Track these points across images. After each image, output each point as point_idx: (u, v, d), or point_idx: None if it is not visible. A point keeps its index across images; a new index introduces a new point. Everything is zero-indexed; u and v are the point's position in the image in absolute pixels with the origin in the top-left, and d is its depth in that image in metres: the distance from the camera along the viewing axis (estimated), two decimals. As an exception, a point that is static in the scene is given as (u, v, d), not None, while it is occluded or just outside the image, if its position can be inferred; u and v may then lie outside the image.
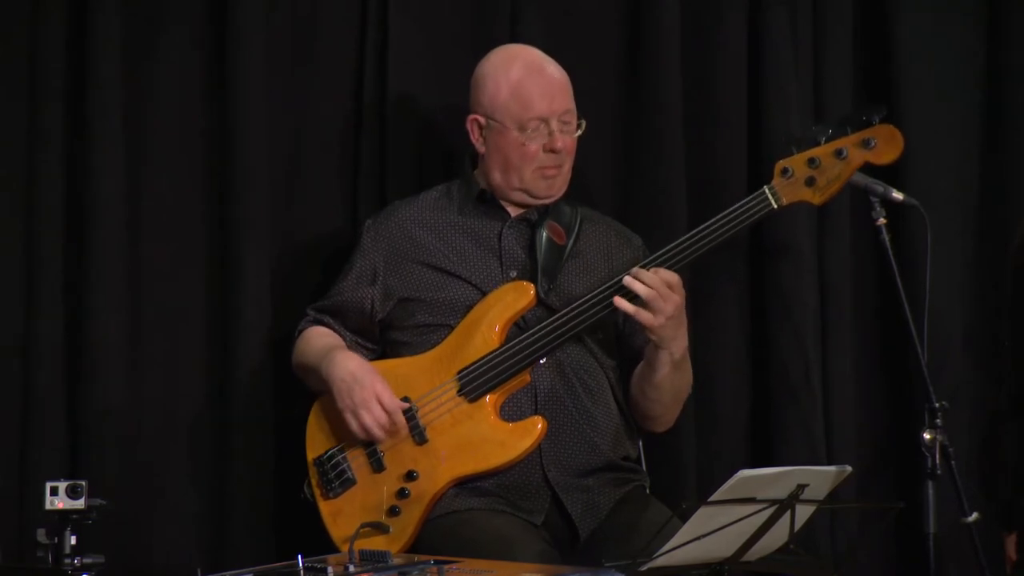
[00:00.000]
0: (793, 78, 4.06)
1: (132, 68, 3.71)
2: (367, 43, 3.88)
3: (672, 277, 3.38)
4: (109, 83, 3.67)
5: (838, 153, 3.49)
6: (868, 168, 3.56)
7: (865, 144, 3.50)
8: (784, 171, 3.50)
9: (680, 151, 4.00)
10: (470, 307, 3.47)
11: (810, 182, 3.50)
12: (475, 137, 3.55)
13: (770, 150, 3.94)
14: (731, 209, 3.48)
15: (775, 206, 3.49)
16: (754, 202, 3.49)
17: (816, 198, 3.51)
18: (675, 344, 3.41)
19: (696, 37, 4.05)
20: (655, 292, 3.35)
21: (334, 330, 3.57)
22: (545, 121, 3.49)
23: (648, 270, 3.38)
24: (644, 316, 3.36)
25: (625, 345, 3.56)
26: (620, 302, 3.38)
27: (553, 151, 3.50)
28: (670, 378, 3.46)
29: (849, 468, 2.89)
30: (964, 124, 4.17)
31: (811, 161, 3.50)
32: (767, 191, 3.49)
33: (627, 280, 3.38)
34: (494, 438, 3.39)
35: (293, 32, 3.86)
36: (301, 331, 3.60)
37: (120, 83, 3.69)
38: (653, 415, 3.55)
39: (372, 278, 3.55)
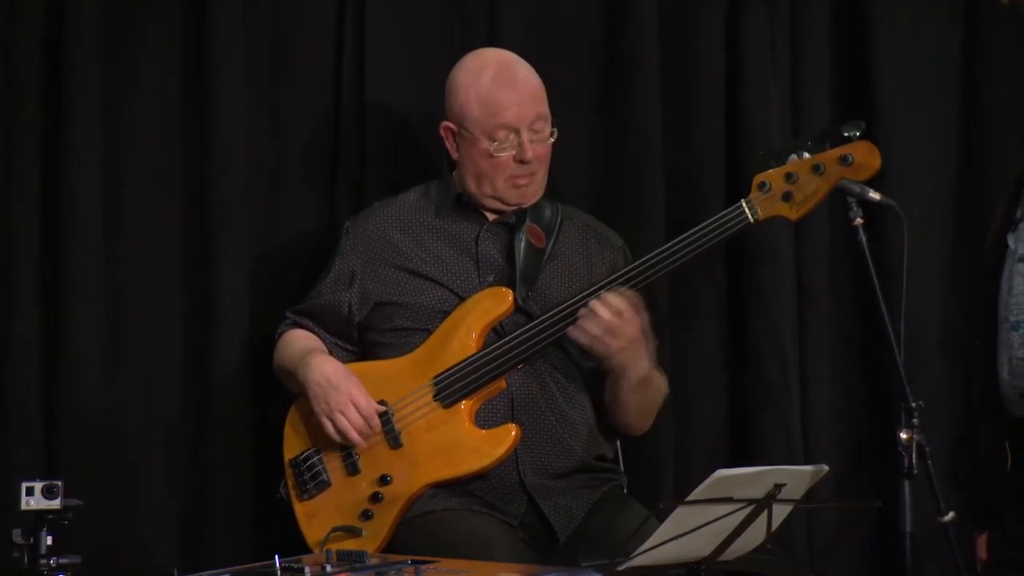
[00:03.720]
0: (771, 77, 4.06)
1: (110, 67, 3.70)
2: (345, 42, 3.87)
3: (620, 303, 3.34)
4: (87, 82, 3.65)
5: (816, 168, 3.48)
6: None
7: (843, 160, 3.47)
8: (762, 185, 3.49)
9: (659, 150, 3.99)
10: (447, 312, 3.46)
11: (787, 197, 3.48)
12: (449, 144, 3.53)
13: (748, 149, 3.95)
14: (707, 222, 3.46)
15: (751, 220, 3.48)
16: (730, 215, 3.47)
17: (793, 213, 3.50)
18: (632, 370, 3.40)
19: (674, 36, 4.05)
20: (598, 334, 3.33)
21: (314, 333, 3.56)
22: (515, 131, 3.46)
23: (599, 300, 3.35)
24: (597, 350, 3.37)
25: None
26: (574, 334, 3.37)
27: (523, 162, 3.47)
28: (634, 397, 3.46)
29: (826, 468, 2.88)
30: (941, 124, 4.17)
31: (789, 176, 3.48)
32: (744, 205, 3.48)
33: (570, 332, 3.36)
34: (468, 444, 3.39)
35: (271, 31, 3.85)
36: (281, 334, 3.59)
37: (98, 82, 3.67)
38: (626, 424, 3.54)
39: (350, 281, 3.54)
